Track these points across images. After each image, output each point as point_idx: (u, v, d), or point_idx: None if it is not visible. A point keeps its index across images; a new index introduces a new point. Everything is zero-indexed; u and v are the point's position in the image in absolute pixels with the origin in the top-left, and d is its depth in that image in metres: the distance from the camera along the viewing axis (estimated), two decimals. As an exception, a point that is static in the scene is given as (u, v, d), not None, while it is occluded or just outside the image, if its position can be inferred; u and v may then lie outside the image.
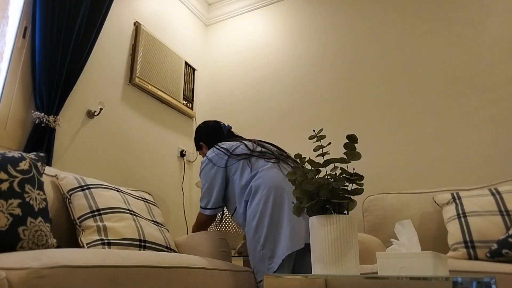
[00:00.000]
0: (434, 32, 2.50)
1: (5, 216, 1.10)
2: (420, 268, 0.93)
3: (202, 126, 2.11)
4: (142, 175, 2.47)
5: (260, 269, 1.59)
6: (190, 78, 3.04)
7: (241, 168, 1.78)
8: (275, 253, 1.57)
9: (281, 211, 1.63)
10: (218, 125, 2.08)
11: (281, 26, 3.11)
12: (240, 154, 1.81)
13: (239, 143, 1.87)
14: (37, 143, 1.79)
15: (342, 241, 1.01)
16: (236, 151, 1.82)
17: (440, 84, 2.39)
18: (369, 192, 2.25)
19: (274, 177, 1.70)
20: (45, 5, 1.87)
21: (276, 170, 1.74)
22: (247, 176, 1.74)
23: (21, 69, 1.86)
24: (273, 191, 1.65)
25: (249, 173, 1.74)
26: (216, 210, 1.82)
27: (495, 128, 2.16)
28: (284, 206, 1.63)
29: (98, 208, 1.49)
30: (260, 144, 1.89)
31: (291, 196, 1.66)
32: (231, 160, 1.80)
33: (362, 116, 2.57)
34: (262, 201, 1.64)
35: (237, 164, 1.78)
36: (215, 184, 1.79)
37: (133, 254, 1.14)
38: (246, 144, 1.86)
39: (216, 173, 1.80)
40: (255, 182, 1.71)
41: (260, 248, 1.59)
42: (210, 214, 1.82)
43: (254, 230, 1.62)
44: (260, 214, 1.62)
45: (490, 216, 1.52)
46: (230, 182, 1.80)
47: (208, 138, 2.02)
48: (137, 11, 2.66)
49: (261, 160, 1.78)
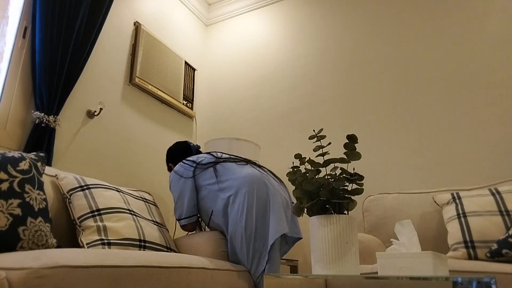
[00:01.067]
0: (434, 31, 2.50)
1: (5, 216, 1.10)
2: (420, 268, 0.93)
3: (171, 148, 2.15)
4: (142, 175, 2.47)
5: (254, 264, 1.60)
6: (190, 78, 3.04)
7: (210, 174, 1.81)
8: (265, 244, 1.59)
9: (266, 205, 1.65)
10: (186, 145, 2.11)
11: (281, 26, 3.11)
12: (207, 163, 1.85)
13: (206, 154, 1.92)
14: (37, 143, 1.79)
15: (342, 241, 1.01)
16: (202, 161, 1.86)
17: (440, 84, 2.39)
18: (369, 192, 2.25)
19: (251, 174, 1.73)
20: (45, 5, 1.87)
21: (251, 168, 1.78)
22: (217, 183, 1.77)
23: (21, 69, 1.86)
24: (254, 189, 1.67)
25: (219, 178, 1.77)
26: (191, 218, 1.83)
27: (495, 128, 2.16)
28: (268, 199, 1.66)
29: (98, 208, 1.49)
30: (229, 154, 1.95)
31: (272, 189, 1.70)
32: (198, 170, 1.83)
33: (362, 116, 2.57)
34: (246, 203, 1.65)
35: (205, 172, 1.82)
36: (185, 194, 1.82)
37: (133, 254, 1.14)
38: (212, 153, 1.92)
39: (184, 184, 1.82)
40: (231, 186, 1.72)
41: (252, 243, 1.60)
42: (186, 224, 1.83)
43: (244, 228, 1.63)
44: (247, 212, 1.64)
45: (490, 216, 1.52)
46: (201, 191, 1.82)
47: (176, 158, 2.07)
48: (137, 11, 2.66)
49: (230, 164, 1.83)
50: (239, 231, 1.63)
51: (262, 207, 1.64)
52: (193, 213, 1.83)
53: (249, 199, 1.66)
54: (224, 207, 1.72)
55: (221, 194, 1.74)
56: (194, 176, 1.83)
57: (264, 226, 1.62)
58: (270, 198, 1.67)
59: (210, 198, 1.78)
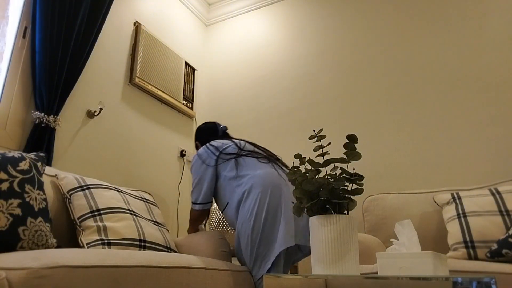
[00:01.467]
0: (434, 31, 2.50)
1: (5, 216, 1.10)
2: (420, 268, 0.93)
3: (200, 126, 2.18)
4: (142, 175, 2.47)
5: (255, 268, 1.59)
6: (190, 78, 3.04)
7: (231, 166, 1.80)
8: (270, 251, 1.57)
9: (276, 211, 1.63)
10: (214, 126, 2.14)
11: (281, 26, 3.11)
12: (230, 153, 1.84)
13: (231, 142, 1.90)
14: (37, 143, 1.79)
15: (342, 241, 1.01)
16: (226, 150, 1.86)
17: (440, 84, 2.39)
18: (369, 192, 2.25)
19: (269, 175, 1.71)
20: (45, 5, 1.87)
21: (270, 169, 1.76)
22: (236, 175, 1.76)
23: (21, 69, 1.86)
24: (269, 191, 1.65)
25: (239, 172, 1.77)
26: (206, 205, 1.84)
27: (495, 128, 2.16)
28: (280, 205, 1.64)
29: (98, 208, 1.49)
30: (253, 144, 1.92)
31: (287, 194, 1.67)
32: (221, 159, 1.83)
33: (362, 116, 2.57)
34: (258, 202, 1.64)
35: (227, 163, 1.82)
36: (205, 180, 1.83)
37: (133, 254, 1.14)
38: (236, 143, 1.89)
39: (205, 171, 1.83)
40: (248, 182, 1.71)
41: (256, 247, 1.59)
42: (199, 209, 1.84)
43: (250, 231, 1.62)
44: (256, 215, 1.62)
45: (490, 216, 1.52)
46: (221, 179, 1.82)
47: (203, 138, 2.08)
48: (137, 11, 2.66)
49: (251, 159, 1.81)
50: (246, 231, 1.63)
51: (272, 212, 1.62)
52: (209, 200, 1.84)
53: (261, 200, 1.64)
54: (238, 203, 1.72)
55: (238, 189, 1.74)
56: (216, 166, 1.84)
57: (272, 232, 1.60)
58: (282, 204, 1.64)
59: (227, 190, 1.78)
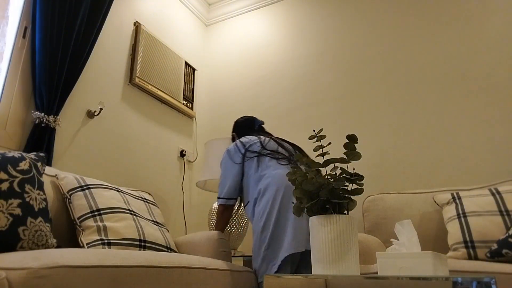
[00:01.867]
0: (433, 32, 2.50)
1: (5, 216, 1.10)
2: (420, 268, 0.93)
3: (239, 119, 2.20)
4: (142, 175, 2.47)
5: (262, 269, 1.59)
6: (190, 78, 3.04)
7: (254, 165, 1.81)
8: (277, 255, 1.57)
9: (287, 213, 1.63)
10: (250, 119, 2.16)
11: (281, 26, 3.11)
12: (254, 151, 1.85)
13: (257, 139, 1.90)
14: (37, 143, 1.79)
15: (342, 241, 1.01)
16: (251, 147, 1.86)
17: (440, 84, 2.39)
18: (369, 192, 2.25)
19: (284, 177, 1.71)
20: (45, 5, 1.87)
21: (287, 170, 1.76)
22: (257, 174, 1.78)
23: (21, 69, 1.86)
24: (282, 192, 1.66)
25: (259, 171, 1.78)
26: (229, 200, 1.84)
27: (495, 128, 2.16)
28: (291, 208, 1.64)
29: (98, 208, 1.49)
30: (278, 143, 1.90)
31: None
32: (246, 157, 1.85)
33: (362, 116, 2.56)
34: (270, 202, 1.65)
35: (251, 161, 1.83)
36: (229, 176, 1.85)
37: (133, 254, 1.14)
38: (261, 140, 1.89)
39: (232, 167, 1.85)
40: (264, 181, 1.73)
41: (265, 249, 1.60)
42: (222, 204, 1.85)
43: (260, 230, 1.64)
44: (268, 215, 1.64)
45: (490, 216, 1.52)
46: (246, 176, 1.84)
47: (239, 131, 2.11)
48: (137, 11, 2.66)
49: (273, 160, 1.81)
50: (257, 230, 1.66)
51: (283, 214, 1.63)
52: (232, 196, 1.85)
53: (273, 202, 1.65)
54: (254, 201, 1.74)
55: (256, 187, 1.76)
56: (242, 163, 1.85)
57: (281, 236, 1.60)
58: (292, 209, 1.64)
59: (250, 187, 1.80)
